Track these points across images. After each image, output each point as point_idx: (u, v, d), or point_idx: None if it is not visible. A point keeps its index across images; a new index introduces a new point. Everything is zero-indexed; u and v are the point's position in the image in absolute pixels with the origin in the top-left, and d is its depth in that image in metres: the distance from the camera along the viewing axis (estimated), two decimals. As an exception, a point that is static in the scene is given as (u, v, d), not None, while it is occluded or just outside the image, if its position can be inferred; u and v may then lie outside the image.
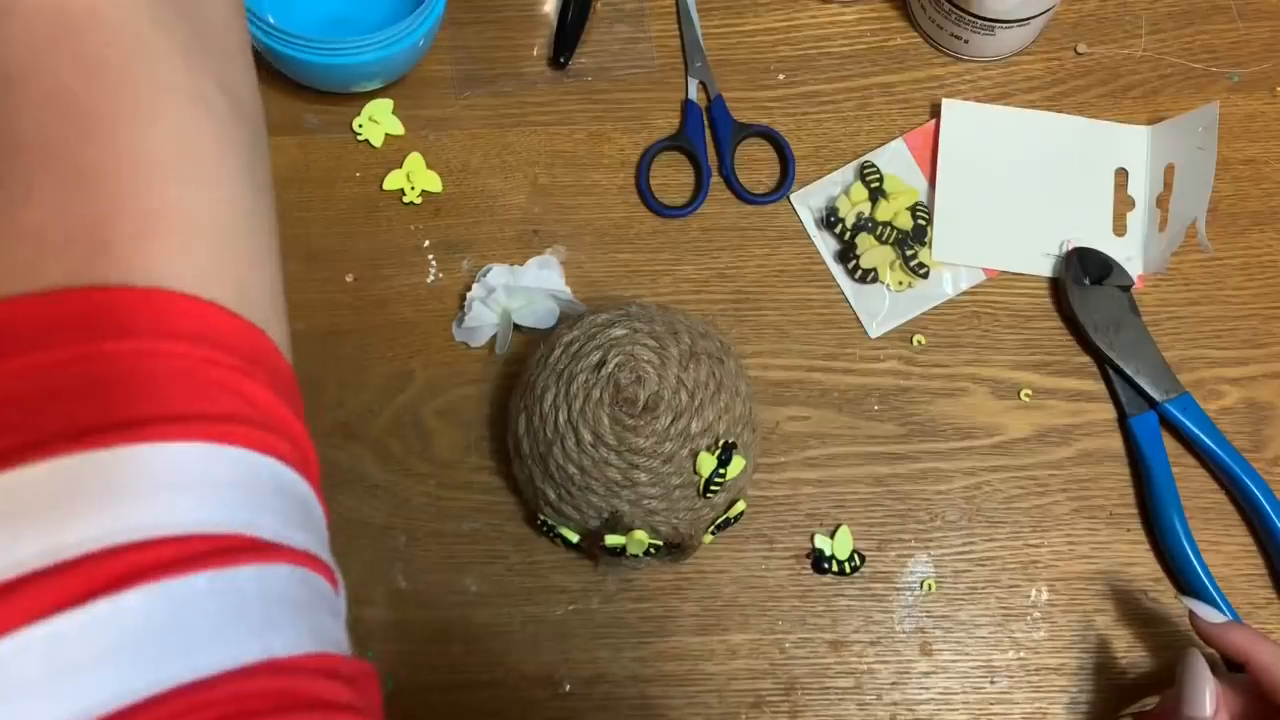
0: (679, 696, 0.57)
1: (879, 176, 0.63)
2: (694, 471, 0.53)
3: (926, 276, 0.62)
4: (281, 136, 0.65)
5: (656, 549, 0.55)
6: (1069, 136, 0.65)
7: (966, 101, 0.65)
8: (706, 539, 0.57)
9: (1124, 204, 0.64)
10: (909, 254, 0.62)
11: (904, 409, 0.61)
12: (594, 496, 0.53)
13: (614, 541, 0.54)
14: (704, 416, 0.53)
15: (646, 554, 0.55)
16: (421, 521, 0.59)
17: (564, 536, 0.56)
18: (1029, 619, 0.58)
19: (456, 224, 0.64)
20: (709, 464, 0.53)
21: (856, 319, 0.62)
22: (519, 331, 0.62)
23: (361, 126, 0.64)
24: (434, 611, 0.58)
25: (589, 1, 0.67)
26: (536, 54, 0.67)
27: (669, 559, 0.57)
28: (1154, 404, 0.60)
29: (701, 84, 0.66)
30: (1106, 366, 0.61)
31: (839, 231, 0.62)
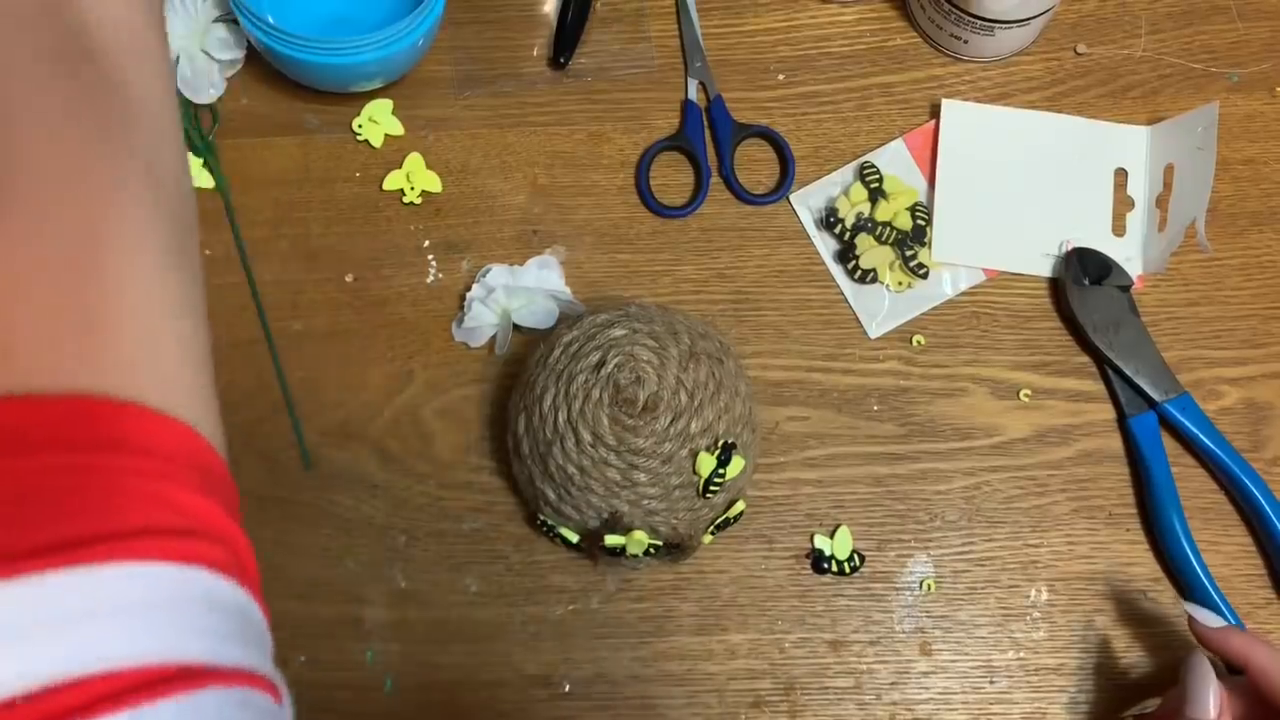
0: (679, 696, 0.57)
1: (879, 177, 0.63)
2: (693, 472, 0.53)
3: (926, 277, 0.62)
4: (281, 136, 0.65)
5: (656, 549, 0.55)
6: (1068, 137, 0.65)
7: (966, 102, 0.65)
8: (706, 539, 0.57)
9: (1123, 204, 0.64)
10: (909, 254, 0.62)
11: (904, 409, 0.61)
12: (594, 496, 0.53)
13: (614, 541, 0.54)
14: (703, 417, 0.53)
15: (646, 554, 0.55)
16: (421, 521, 0.59)
17: (564, 536, 0.56)
18: (1028, 619, 0.58)
19: (456, 224, 0.64)
20: (708, 464, 0.53)
21: (856, 319, 0.62)
22: (519, 331, 0.62)
23: (361, 127, 0.64)
24: (434, 611, 0.58)
25: (589, 1, 0.67)
26: (536, 54, 0.67)
27: (669, 559, 0.57)
28: (1153, 404, 0.60)
29: (701, 84, 0.66)
30: (1106, 367, 0.61)
31: (839, 232, 0.62)
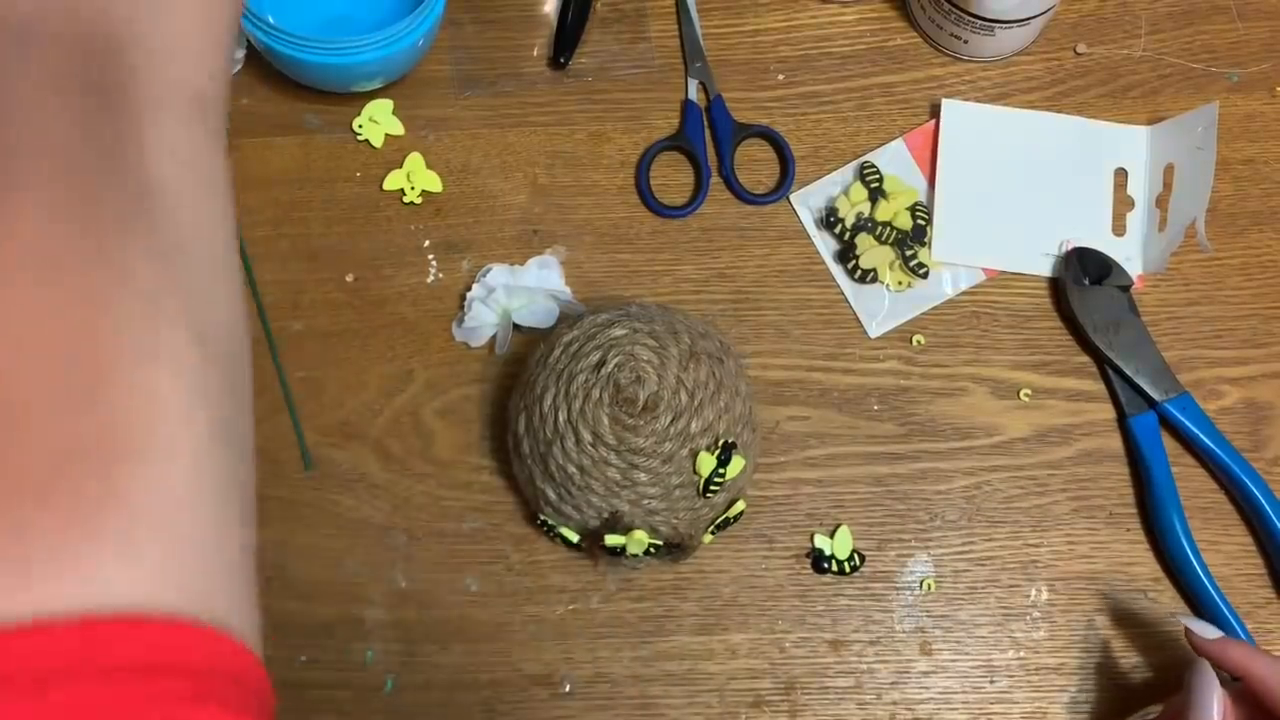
0: (679, 696, 0.57)
1: (879, 177, 0.63)
2: (694, 471, 0.53)
3: (926, 276, 0.62)
4: (281, 136, 0.65)
5: (656, 549, 0.55)
6: (1069, 137, 0.65)
7: (966, 102, 0.65)
8: (706, 539, 0.57)
9: (1123, 204, 0.64)
10: (908, 254, 0.62)
11: (904, 409, 0.61)
12: (594, 496, 0.53)
13: (614, 541, 0.54)
14: (704, 416, 0.53)
15: (646, 554, 0.55)
16: (421, 521, 0.59)
17: (564, 536, 0.56)
18: (1029, 619, 0.58)
19: (456, 224, 0.64)
20: (709, 464, 0.53)
21: (856, 319, 0.62)
22: (519, 331, 0.62)
23: (361, 126, 0.64)
24: (434, 611, 0.58)
25: (589, 1, 0.67)
26: (536, 54, 0.67)
27: (669, 559, 0.57)
28: (1154, 404, 0.60)
29: (701, 84, 0.66)
30: (1106, 366, 0.61)
31: (839, 231, 0.63)
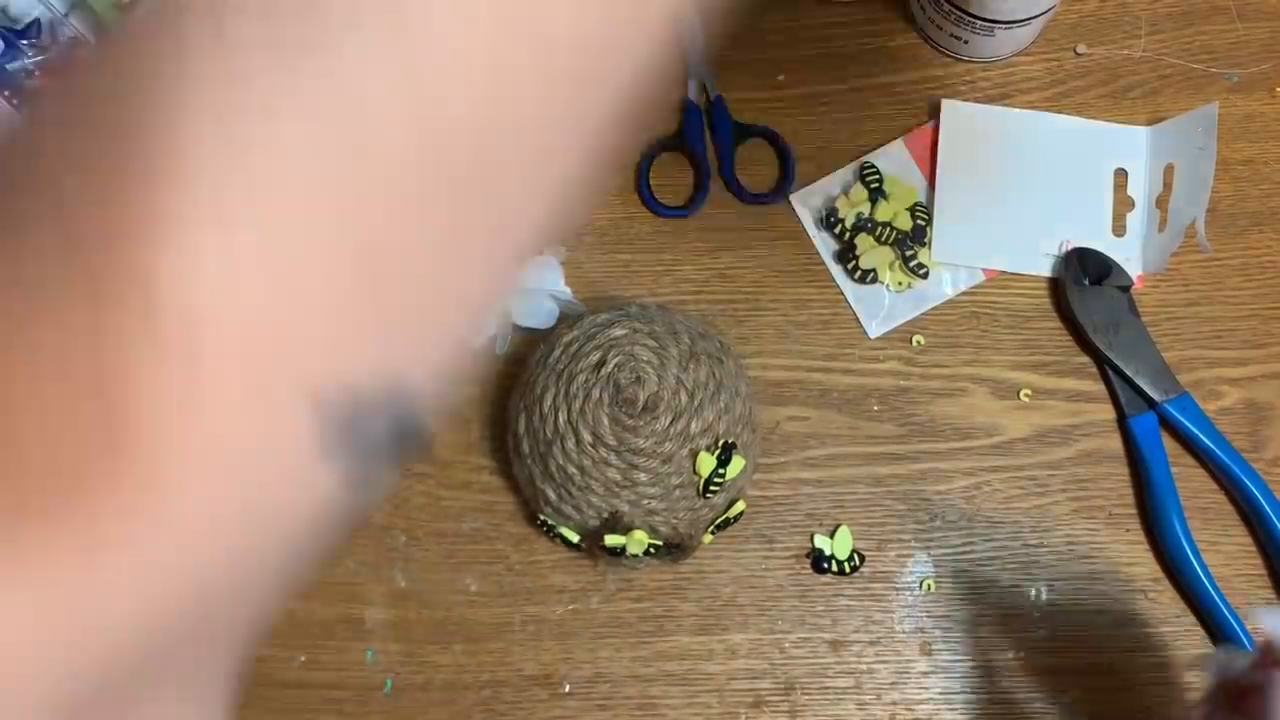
0: (679, 696, 0.57)
1: (879, 177, 0.63)
2: (694, 472, 0.53)
3: (926, 277, 0.62)
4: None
5: (656, 549, 0.55)
6: (1068, 137, 0.65)
7: (966, 102, 0.65)
8: (706, 539, 0.57)
9: (1123, 204, 0.64)
10: (908, 254, 0.62)
11: (904, 409, 0.61)
12: (594, 496, 0.54)
13: (614, 541, 0.54)
14: (704, 417, 0.53)
15: (646, 554, 0.55)
16: (421, 521, 0.59)
17: (564, 536, 0.56)
18: (1029, 619, 0.58)
19: (456, 224, 0.64)
20: (709, 464, 0.53)
21: (856, 319, 0.62)
22: (519, 331, 0.62)
23: (362, 127, 0.64)
24: (434, 611, 0.58)
25: (589, 2, 0.67)
26: (536, 54, 0.67)
27: (669, 559, 0.57)
28: (1153, 404, 0.60)
29: (701, 84, 0.66)
30: (1106, 367, 0.61)
31: (839, 232, 0.63)
